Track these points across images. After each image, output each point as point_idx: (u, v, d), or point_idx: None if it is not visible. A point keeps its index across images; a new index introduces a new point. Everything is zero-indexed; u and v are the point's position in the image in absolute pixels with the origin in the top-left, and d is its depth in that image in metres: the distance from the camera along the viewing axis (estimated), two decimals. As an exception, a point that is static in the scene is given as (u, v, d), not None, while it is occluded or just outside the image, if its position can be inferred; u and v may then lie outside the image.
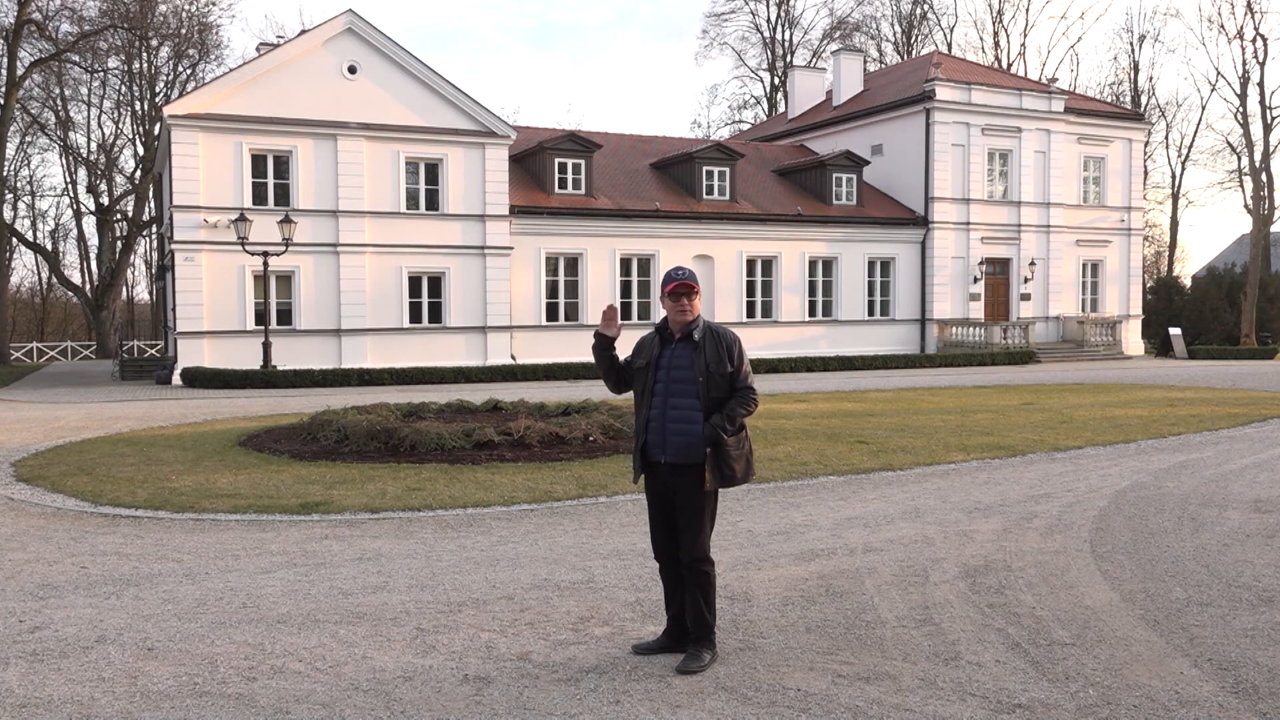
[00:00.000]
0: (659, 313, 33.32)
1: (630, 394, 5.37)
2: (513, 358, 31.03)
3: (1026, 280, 39.06)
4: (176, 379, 27.28)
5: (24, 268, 70.84)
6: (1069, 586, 6.43)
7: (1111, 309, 41.30)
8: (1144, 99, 60.11)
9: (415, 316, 30.33)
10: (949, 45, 62.68)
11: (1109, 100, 56.38)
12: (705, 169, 34.96)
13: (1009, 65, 61.38)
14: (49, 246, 57.93)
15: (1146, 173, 54.84)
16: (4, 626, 5.78)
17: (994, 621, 5.71)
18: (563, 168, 32.92)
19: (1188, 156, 61.66)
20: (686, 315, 5.14)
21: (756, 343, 34.51)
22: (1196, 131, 63.30)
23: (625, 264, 33.36)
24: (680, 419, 5.06)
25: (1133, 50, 66.51)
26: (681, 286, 5.12)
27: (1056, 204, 39.50)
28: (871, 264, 37.22)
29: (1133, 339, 41.58)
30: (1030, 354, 35.43)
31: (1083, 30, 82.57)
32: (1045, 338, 39.28)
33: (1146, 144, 51.61)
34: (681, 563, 5.16)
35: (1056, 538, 7.81)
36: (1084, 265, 40.88)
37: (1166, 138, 62.28)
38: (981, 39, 74.28)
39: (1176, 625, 5.63)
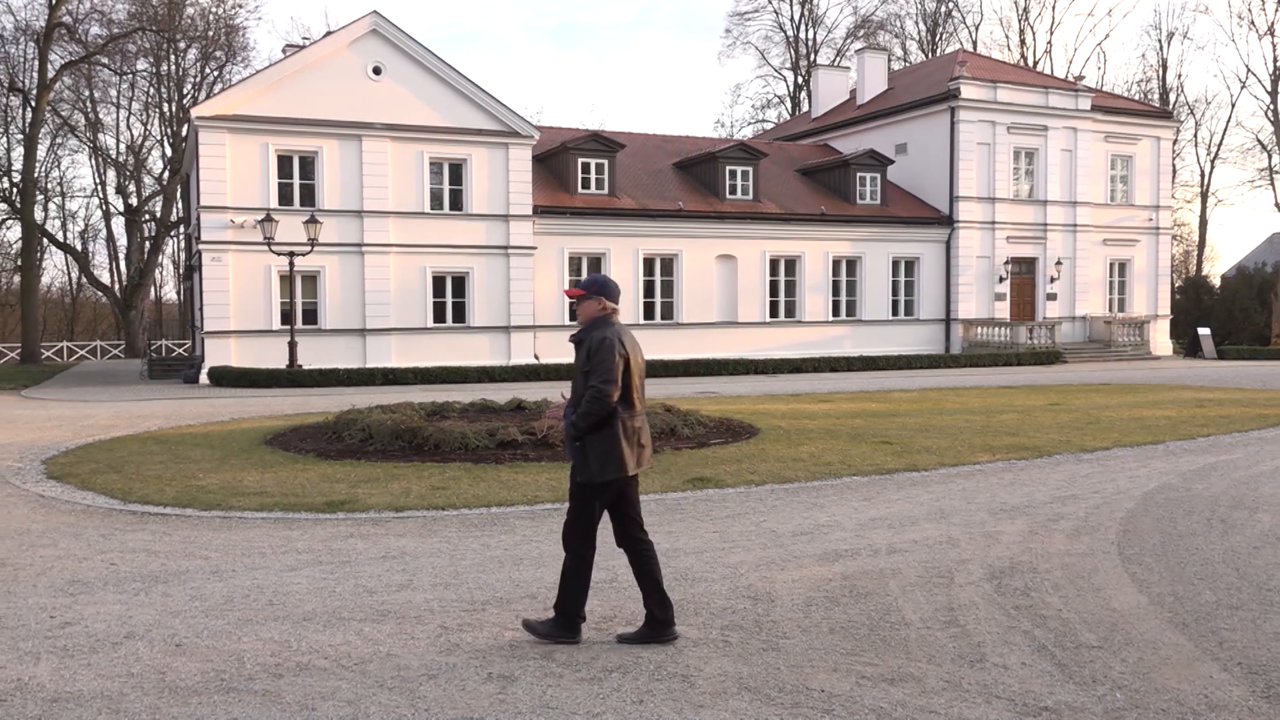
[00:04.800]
0: (682, 312, 33.39)
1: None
2: (536, 357, 31.11)
3: (1053, 280, 38.74)
4: (204, 378, 27.53)
5: (54, 268, 71.94)
6: (1096, 589, 6.37)
7: (1139, 309, 40.89)
8: (1172, 96, 59.49)
9: (439, 316, 30.46)
10: (974, 43, 62.30)
11: (1137, 98, 55.83)
12: (728, 168, 34.91)
13: (1035, 63, 60.91)
14: (79, 247, 58.55)
15: (1175, 171, 54.28)
16: (35, 621, 5.86)
17: (1020, 624, 5.67)
18: (586, 168, 32.96)
19: (1217, 154, 61.01)
20: (580, 318, 5.48)
21: (780, 343, 34.45)
22: (1226, 129, 62.86)
23: (648, 264, 33.36)
24: (568, 414, 5.44)
25: (1161, 47, 65.92)
26: (571, 293, 5.55)
27: (1083, 203, 39.16)
28: (896, 263, 37.04)
29: (1161, 339, 41.15)
30: (1056, 354, 35.15)
31: (1110, 27, 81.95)
32: (1072, 338, 38.95)
33: (1175, 142, 51.04)
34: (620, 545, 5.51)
35: (1083, 539, 7.75)
36: (1111, 265, 40.50)
37: (1195, 135, 61.65)
38: (1007, 37, 73.87)
39: (1206, 628, 5.57)
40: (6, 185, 51.45)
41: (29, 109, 46.69)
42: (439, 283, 30.40)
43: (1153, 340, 40.09)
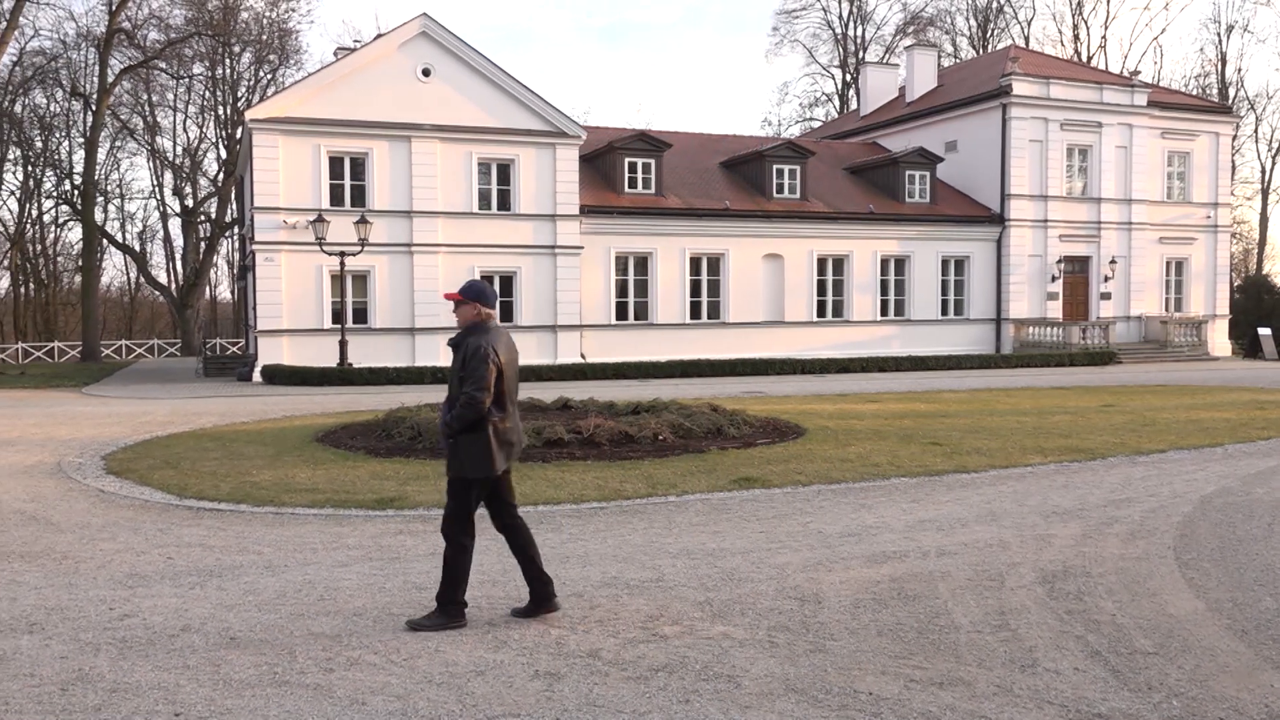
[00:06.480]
0: (728, 312, 33.30)
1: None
2: (582, 356, 31.21)
3: (1107, 279, 38.03)
4: (257, 376, 28.01)
5: (113, 268, 73.35)
6: (1151, 594, 6.25)
7: (1196, 308, 40.00)
8: (1232, 91, 58.11)
9: (487, 315, 30.60)
10: (1026, 39, 61.35)
11: (1195, 93, 54.62)
12: (775, 167, 34.74)
13: (1089, 59, 59.85)
14: (137, 247, 59.82)
15: (1234, 167, 52.96)
16: (95, 613, 6.01)
17: (1072, 628, 5.58)
18: (633, 167, 33.00)
19: (1279, 150, 59.46)
20: (459, 321, 5.81)
21: (827, 342, 34.20)
22: (1289, 124, 60.99)
23: (695, 263, 33.31)
24: (444, 414, 5.79)
25: (1220, 41, 64.56)
26: (451, 297, 5.81)
27: (1139, 200, 38.40)
28: (945, 262, 36.60)
29: (1219, 339, 40.23)
30: (1110, 354, 34.50)
31: (1167, 21, 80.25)
32: (1126, 338, 38.21)
33: (1234, 138, 49.83)
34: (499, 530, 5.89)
35: (1138, 544, 7.60)
36: (1167, 263, 39.66)
37: (1256, 131, 60.19)
38: (1060, 32, 72.66)
39: (1266, 636, 5.44)
40: (68, 188, 52.83)
41: (89, 113, 47.87)
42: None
43: (1210, 340, 39.20)
